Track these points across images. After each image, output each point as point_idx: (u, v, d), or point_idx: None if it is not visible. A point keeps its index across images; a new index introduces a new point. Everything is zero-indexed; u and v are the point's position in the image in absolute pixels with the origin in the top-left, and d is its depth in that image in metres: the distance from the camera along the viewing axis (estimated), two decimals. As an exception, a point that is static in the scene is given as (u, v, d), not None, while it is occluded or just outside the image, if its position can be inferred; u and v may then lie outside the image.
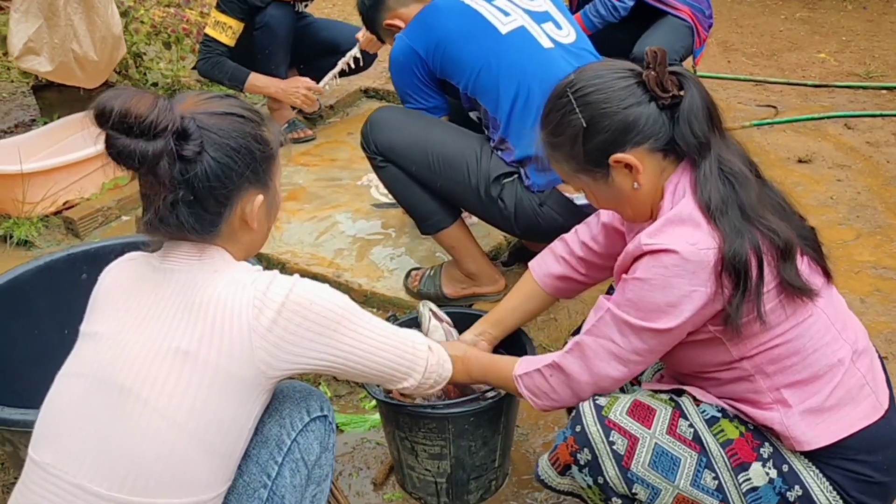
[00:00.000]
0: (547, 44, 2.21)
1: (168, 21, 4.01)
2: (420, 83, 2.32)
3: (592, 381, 1.46)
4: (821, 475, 1.38)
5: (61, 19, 3.19)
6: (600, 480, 1.43)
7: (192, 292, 1.25)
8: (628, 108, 1.37)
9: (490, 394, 1.75)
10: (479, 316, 1.91)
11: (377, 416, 2.11)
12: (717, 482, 1.39)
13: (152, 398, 1.21)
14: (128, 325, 1.27)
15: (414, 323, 2.02)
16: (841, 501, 1.38)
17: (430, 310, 1.87)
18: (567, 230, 2.28)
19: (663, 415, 1.43)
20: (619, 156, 1.39)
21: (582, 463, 1.44)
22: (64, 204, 3.19)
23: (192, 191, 1.23)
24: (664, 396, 1.48)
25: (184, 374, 1.21)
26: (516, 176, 2.22)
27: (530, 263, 1.88)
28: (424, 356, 1.48)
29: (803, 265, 1.39)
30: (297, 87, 3.61)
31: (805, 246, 1.41)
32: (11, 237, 3.04)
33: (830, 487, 1.38)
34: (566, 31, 2.28)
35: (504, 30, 2.21)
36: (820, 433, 1.37)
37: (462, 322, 1.93)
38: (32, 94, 3.93)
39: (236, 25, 3.51)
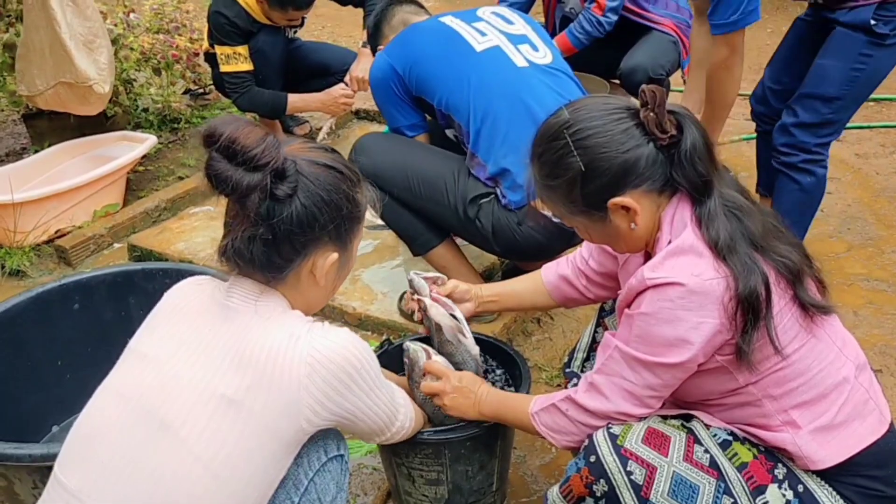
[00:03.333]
0: (521, 63, 2.27)
1: (157, 48, 4.03)
2: (398, 99, 2.39)
3: (610, 419, 1.44)
4: (834, 493, 1.38)
5: (103, 40, 3.20)
6: None
7: (246, 339, 1.24)
8: (627, 151, 1.36)
9: None
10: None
11: (373, 440, 2.10)
12: None
13: (191, 440, 1.19)
14: (179, 357, 1.25)
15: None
16: None
17: (423, 347, 1.78)
18: (548, 248, 2.31)
19: (678, 441, 1.40)
20: (617, 200, 1.38)
21: (598, 494, 1.40)
22: (56, 232, 3.18)
23: (273, 231, 1.24)
24: (675, 422, 1.46)
25: (226, 421, 1.20)
26: (493, 196, 2.25)
27: (545, 265, 1.91)
28: (399, 424, 1.52)
29: (809, 284, 1.40)
30: (335, 98, 3.65)
31: (811, 263, 1.42)
32: (3, 267, 3.03)
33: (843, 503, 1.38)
34: (542, 53, 2.34)
35: (479, 48, 2.28)
36: (832, 451, 1.37)
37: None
38: (23, 123, 3.92)
39: (242, 49, 3.52)
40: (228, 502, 1.21)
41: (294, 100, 3.63)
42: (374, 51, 2.64)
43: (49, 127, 3.71)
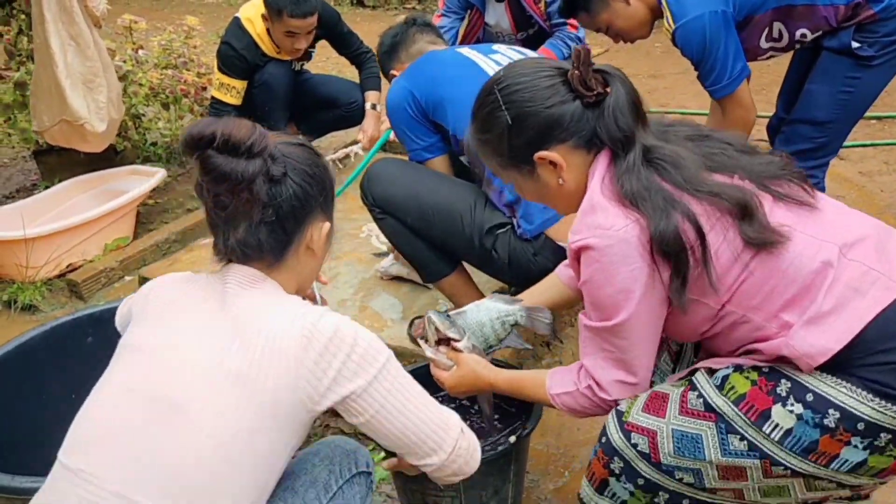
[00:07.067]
0: None
1: (166, 83, 4.08)
2: (414, 122, 2.41)
3: (618, 391, 1.47)
4: (853, 387, 1.29)
5: (102, 79, 3.25)
6: (640, 482, 1.44)
7: (247, 318, 1.29)
8: (552, 106, 1.41)
9: (512, 438, 1.75)
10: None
11: (386, 467, 2.10)
12: (745, 442, 1.35)
13: (201, 417, 1.23)
14: (182, 344, 1.29)
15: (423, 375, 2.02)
16: (884, 402, 1.27)
17: (436, 328, 1.78)
18: None
19: (674, 398, 1.43)
20: (543, 153, 1.44)
21: (617, 472, 1.46)
22: (67, 267, 3.21)
23: (276, 211, 1.33)
24: (680, 382, 1.47)
25: (233, 395, 1.24)
26: (509, 227, 2.26)
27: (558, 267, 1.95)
28: (455, 436, 1.38)
29: (770, 205, 1.37)
30: None
31: (778, 177, 1.41)
32: (16, 302, 3.06)
33: (867, 394, 1.28)
34: None
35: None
36: (828, 339, 1.29)
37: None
38: (33, 159, 3.97)
39: (240, 85, 3.59)
40: (238, 478, 1.24)
41: None
42: (385, 74, 2.65)
43: (59, 163, 3.76)
